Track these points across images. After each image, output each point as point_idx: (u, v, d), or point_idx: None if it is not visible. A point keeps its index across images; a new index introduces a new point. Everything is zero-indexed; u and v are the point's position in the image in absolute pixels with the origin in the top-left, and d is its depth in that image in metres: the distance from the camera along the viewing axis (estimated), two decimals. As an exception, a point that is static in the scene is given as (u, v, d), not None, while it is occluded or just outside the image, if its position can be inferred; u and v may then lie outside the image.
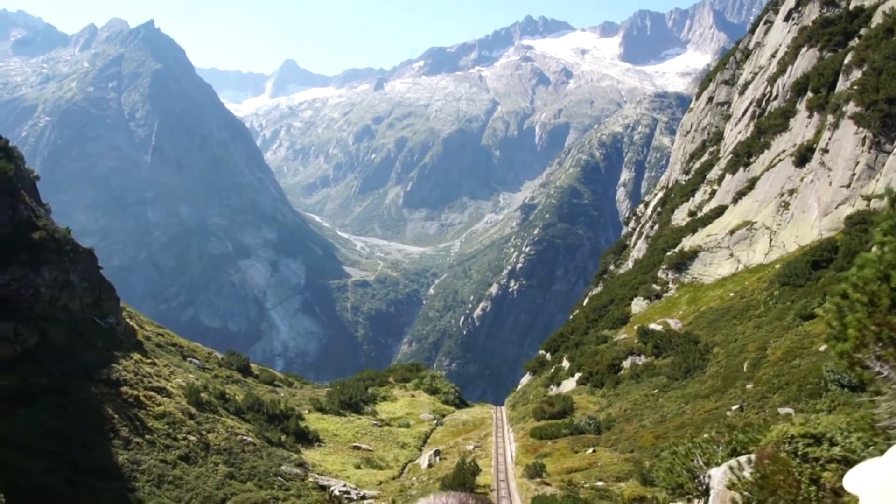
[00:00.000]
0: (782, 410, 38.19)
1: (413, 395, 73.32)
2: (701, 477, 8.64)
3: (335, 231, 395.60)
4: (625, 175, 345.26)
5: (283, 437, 47.32)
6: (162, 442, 36.63)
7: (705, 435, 10.98)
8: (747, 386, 44.26)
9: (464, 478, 39.20)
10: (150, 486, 32.46)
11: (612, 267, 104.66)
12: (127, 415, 36.73)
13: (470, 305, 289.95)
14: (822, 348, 43.02)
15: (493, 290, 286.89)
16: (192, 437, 38.93)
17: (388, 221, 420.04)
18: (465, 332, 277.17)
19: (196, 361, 56.06)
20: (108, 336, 45.53)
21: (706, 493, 6.89)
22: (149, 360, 46.16)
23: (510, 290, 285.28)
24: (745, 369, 46.40)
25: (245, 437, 42.85)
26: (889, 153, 53.13)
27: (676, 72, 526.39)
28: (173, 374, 47.49)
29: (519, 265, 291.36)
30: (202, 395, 45.12)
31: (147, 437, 36.09)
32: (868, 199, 54.31)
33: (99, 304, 47.96)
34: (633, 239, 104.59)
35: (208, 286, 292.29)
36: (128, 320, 52.19)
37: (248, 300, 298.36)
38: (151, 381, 42.22)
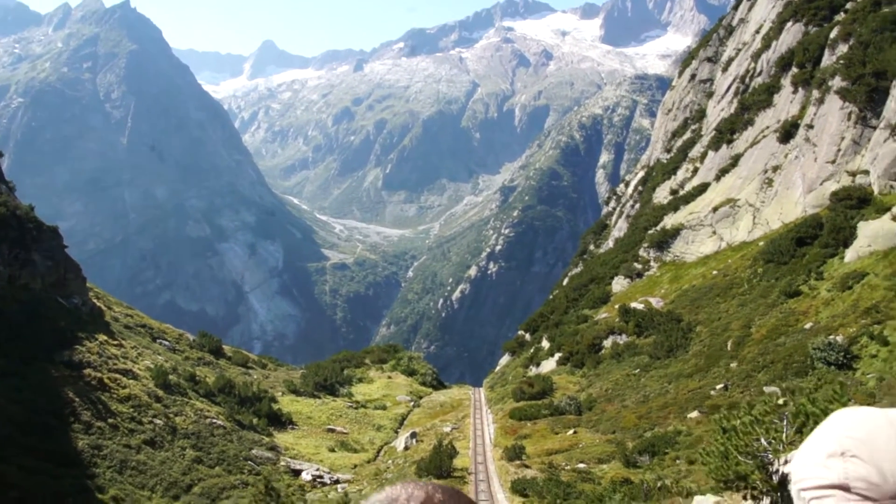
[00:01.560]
0: (767, 389, 37.11)
1: (390, 377, 72.04)
2: (775, 465, 6.58)
3: (314, 214, 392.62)
4: (604, 157, 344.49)
5: (255, 420, 45.83)
6: (126, 426, 35.02)
7: (760, 406, 9.17)
8: (731, 365, 43.25)
9: (440, 461, 37.86)
10: (112, 473, 30.90)
11: (592, 247, 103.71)
12: (89, 398, 35.07)
13: (449, 288, 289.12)
14: (808, 326, 42.04)
15: (472, 272, 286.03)
16: (158, 421, 37.37)
17: (367, 204, 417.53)
18: (443, 315, 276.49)
19: (166, 343, 54.41)
20: (73, 317, 43.79)
21: (782, 486, 4.86)
22: (115, 342, 44.44)
23: (489, 272, 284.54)
24: (729, 348, 45.40)
25: (215, 421, 41.32)
26: (875, 128, 52.13)
27: (657, 54, 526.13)
28: (141, 355, 45.81)
29: (498, 247, 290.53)
30: (171, 377, 43.53)
31: (110, 420, 34.46)
32: (853, 174, 53.39)
33: (63, 284, 46.12)
34: (614, 218, 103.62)
35: (186, 269, 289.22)
36: (95, 301, 50.40)
37: (225, 283, 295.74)
38: (117, 363, 40.55)
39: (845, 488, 0.79)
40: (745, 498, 6.90)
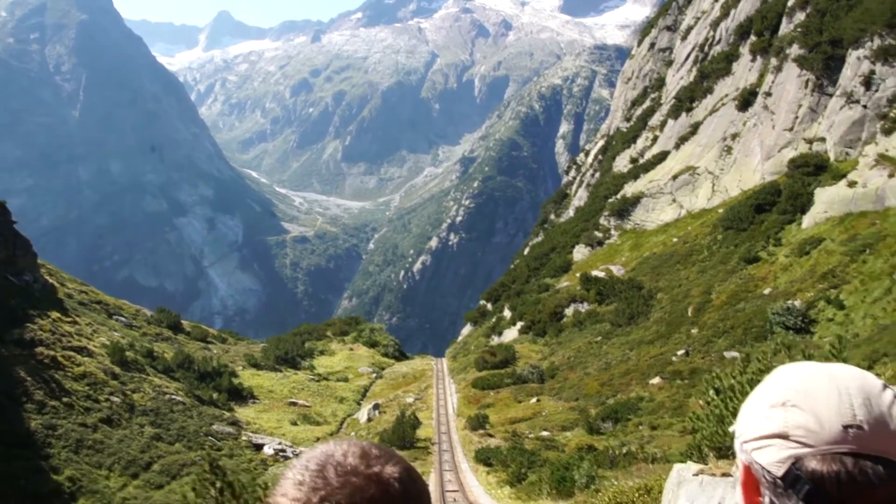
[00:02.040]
0: (728, 354, 37.43)
1: (351, 349, 71.65)
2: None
3: (273, 187, 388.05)
4: (564, 127, 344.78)
5: (216, 395, 45.19)
6: (81, 404, 34.14)
7: (755, 364, 8.96)
8: (692, 331, 43.58)
9: (403, 432, 37.68)
10: (67, 452, 30.11)
11: (552, 216, 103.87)
12: (42, 377, 34.11)
13: (410, 259, 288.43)
14: (767, 291, 42.46)
15: (433, 243, 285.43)
16: (115, 399, 36.53)
17: (326, 176, 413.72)
18: (405, 286, 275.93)
19: (123, 319, 53.28)
20: (23, 294, 42.52)
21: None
22: (69, 319, 43.31)
23: (450, 243, 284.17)
24: (689, 314, 45.74)
25: (174, 397, 40.59)
26: (831, 96, 52.55)
27: (616, 24, 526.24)
28: (96, 332, 44.74)
29: (458, 218, 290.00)
30: (127, 353, 42.54)
31: (64, 399, 33.55)
32: (811, 142, 53.84)
33: (13, 261, 44.72)
34: (574, 187, 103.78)
35: (143, 245, 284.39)
36: (47, 277, 49.07)
37: (184, 258, 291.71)
38: (71, 341, 39.51)
39: (784, 436, 0.82)
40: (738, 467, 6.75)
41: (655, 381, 39.05)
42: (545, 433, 36.14)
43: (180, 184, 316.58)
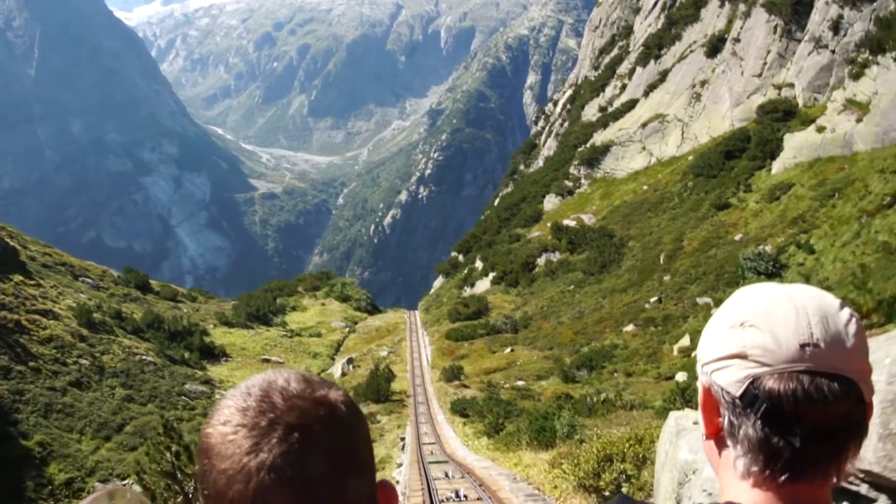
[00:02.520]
0: (700, 300, 37.62)
1: (324, 304, 71.33)
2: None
3: (239, 143, 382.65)
4: (531, 78, 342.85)
5: (187, 355, 44.77)
6: (49, 368, 33.52)
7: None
8: (664, 278, 43.73)
9: (378, 385, 37.59)
10: (37, 417, 29.58)
11: (522, 167, 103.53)
12: (6, 341, 33.37)
13: (380, 213, 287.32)
14: (738, 237, 42.61)
15: (403, 197, 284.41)
16: (83, 361, 35.96)
17: (293, 132, 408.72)
18: (376, 241, 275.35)
19: (89, 281, 52.41)
20: (-19, 258, 41.59)
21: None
22: (32, 282, 42.40)
23: (420, 196, 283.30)
24: (661, 261, 45.85)
25: (144, 357, 40.11)
26: (800, 41, 52.31)
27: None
28: (62, 295, 43.92)
29: (428, 171, 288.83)
30: (95, 315, 41.82)
31: (31, 364, 32.88)
32: (779, 87, 53.78)
33: (-32, 225, 43.67)
34: (543, 138, 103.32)
35: (109, 206, 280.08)
36: (8, 240, 47.92)
37: (152, 218, 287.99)
38: (35, 304, 38.69)
39: (743, 356, 0.83)
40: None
41: (629, 328, 39.22)
42: (520, 383, 36.23)
43: (144, 142, 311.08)
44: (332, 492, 0.59)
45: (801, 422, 0.79)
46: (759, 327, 0.83)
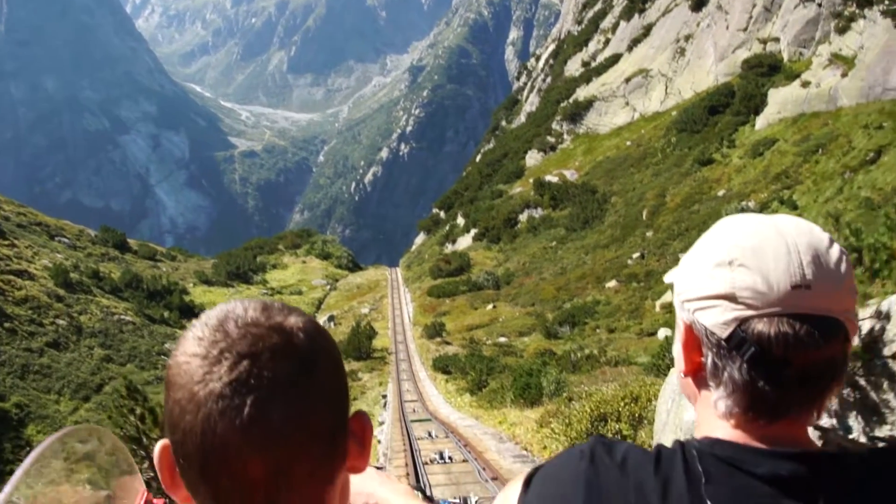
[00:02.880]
0: (683, 256, 37.56)
1: (304, 262, 70.87)
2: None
3: (218, 101, 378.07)
4: (513, 34, 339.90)
5: (167, 314, 44.28)
6: (25, 329, 32.96)
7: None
8: (647, 234, 43.55)
9: (359, 342, 37.34)
10: (13, 379, 29.11)
11: (504, 122, 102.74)
12: (-20, 303, 32.92)
13: (361, 171, 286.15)
14: (721, 193, 42.43)
15: (384, 154, 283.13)
16: (60, 322, 35.44)
17: (272, 89, 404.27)
18: (357, 198, 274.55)
19: (65, 240, 51.65)
20: (-48, 217, 40.76)
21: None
22: (6, 242, 41.62)
23: (401, 153, 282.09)
24: (644, 217, 45.65)
25: (123, 317, 39.62)
26: (786, -7, 51.88)
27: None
28: (37, 255, 43.18)
29: (409, 128, 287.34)
30: (72, 275, 41.25)
31: (6, 325, 32.30)
32: (764, 42, 53.30)
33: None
34: (525, 93, 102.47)
35: (86, 165, 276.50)
36: (-20, 201, 47.13)
37: (130, 177, 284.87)
38: (10, 264, 37.98)
39: (731, 298, 0.81)
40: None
41: (611, 284, 39.10)
42: (503, 339, 36.10)
43: (120, 100, 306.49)
44: (285, 421, 0.58)
45: (789, 366, 0.79)
46: (748, 267, 0.81)
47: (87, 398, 30.64)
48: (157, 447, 0.65)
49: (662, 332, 25.54)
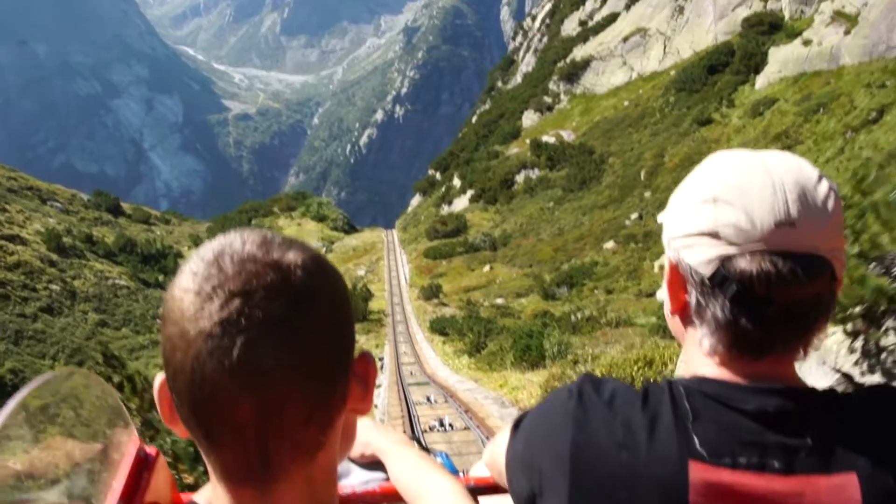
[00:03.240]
0: (682, 217, 37.30)
1: (299, 224, 70.46)
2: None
3: (211, 64, 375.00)
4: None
5: (161, 278, 43.83)
6: (18, 294, 32.56)
7: None
8: (645, 194, 43.25)
9: (355, 304, 37.04)
10: (7, 344, 28.79)
11: (500, 83, 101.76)
12: (-29, 269, 32.52)
13: (356, 133, 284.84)
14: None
15: (379, 116, 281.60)
16: (54, 287, 35.07)
17: (266, 51, 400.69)
18: (352, 161, 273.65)
19: (58, 205, 51.18)
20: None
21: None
22: (-3, 207, 41.28)
23: (396, 115, 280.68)
24: (642, 178, 45.32)
25: (117, 281, 39.25)
26: (787, -51, 51.05)
27: None
28: (29, 219, 42.67)
29: (404, 90, 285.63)
30: (65, 239, 40.83)
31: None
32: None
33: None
34: (522, 53, 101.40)
35: (79, 129, 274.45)
36: (-32, 166, 46.48)
37: (123, 141, 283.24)
38: (2, 230, 37.57)
39: (714, 235, 0.80)
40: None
41: (609, 245, 38.84)
42: (500, 301, 35.89)
43: (112, 64, 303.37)
44: (276, 362, 0.58)
45: (771, 304, 0.78)
46: (732, 204, 0.80)
47: (81, 363, 30.35)
48: (157, 380, 0.65)
49: (661, 294, 25.32)
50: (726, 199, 0.81)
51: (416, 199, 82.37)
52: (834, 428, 0.77)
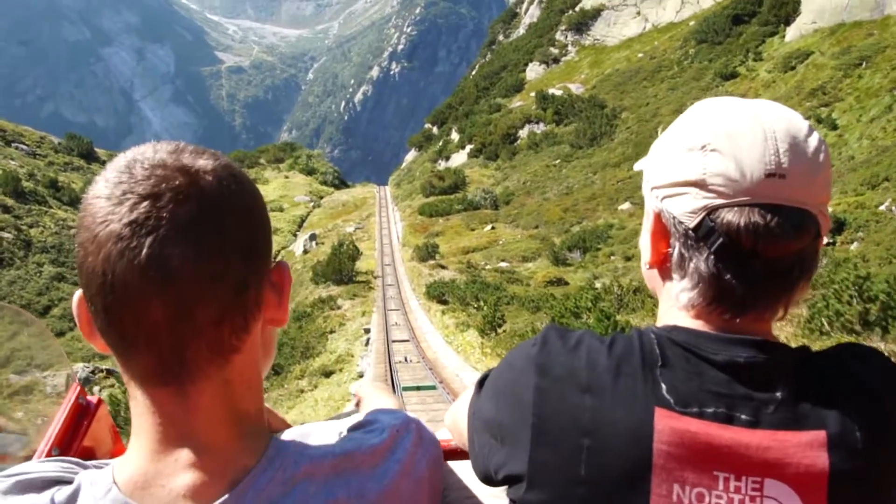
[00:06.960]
0: (704, 177, 33.84)
1: (287, 177, 66.85)
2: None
3: (204, 14, 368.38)
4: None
5: (134, 227, 40.29)
6: (-43, 242, 29.23)
7: None
8: (664, 152, 39.76)
9: (341, 264, 33.30)
10: (-60, 295, 25.42)
11: (501, 37, 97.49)
12: None
13: (351, 90, 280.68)
14: (746, 109, 38.62)
15: (375, 73, 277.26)
16: (6, 235, 31.61)
17: (260, 2, 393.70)
18: (346, 118, 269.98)
19: (24, 147, 47.87)
20: None
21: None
22: (-55, 146, 37.59)
23: (392, 72, 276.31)
24: (659, 134, 41.71)
25: (81, 230, 35.57)
26: None
27: None
28: (-13, 162, 39.25)
29: (400, 46, 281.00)
30: (25, 183, 37.48)
31: (-61, 235, 28.57)
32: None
33: None
34: (525, 5, 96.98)
35: (67, 77, 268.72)
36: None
37: (113, 91, 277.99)
38: (-49, 170, 34.03)
39: (701, 185, 0.78)
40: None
41: (625, 206, 35.24)
42: (504, 264, 32.22)
43: (101, 9, 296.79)
44: (184, 262, 0.58)
45: (757, 258, 0.76)
46: (721, 152, 0.77)
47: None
48: (75, 296, 0.64)
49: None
50: (715, 147, 0.79)
51: (410, 155, 78.73)
52: (805, 384, 0.76)
